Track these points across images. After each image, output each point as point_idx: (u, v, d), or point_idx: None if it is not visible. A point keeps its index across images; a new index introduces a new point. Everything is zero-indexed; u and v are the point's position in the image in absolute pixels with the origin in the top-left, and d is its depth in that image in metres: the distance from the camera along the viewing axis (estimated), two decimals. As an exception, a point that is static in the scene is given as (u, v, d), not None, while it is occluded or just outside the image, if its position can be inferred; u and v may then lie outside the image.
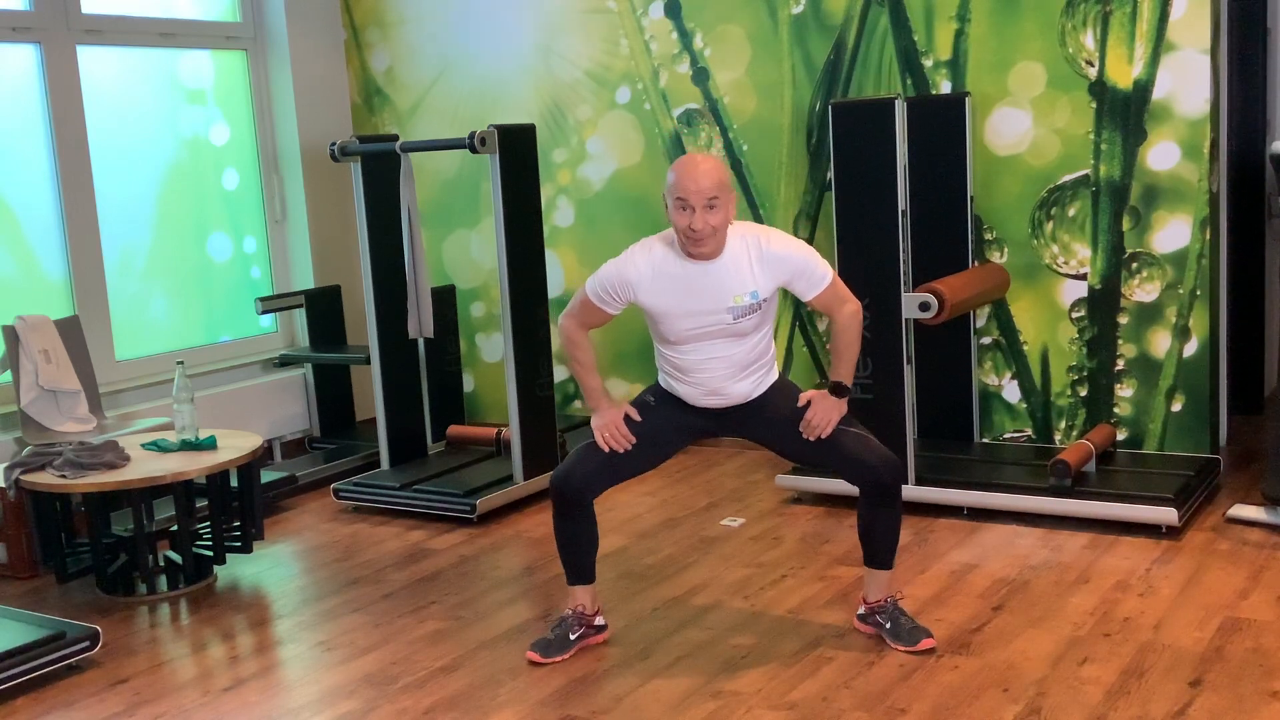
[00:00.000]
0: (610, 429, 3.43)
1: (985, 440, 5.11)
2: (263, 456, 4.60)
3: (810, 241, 5.31)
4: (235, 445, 4.30)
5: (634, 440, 3.44)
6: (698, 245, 3.26)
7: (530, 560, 4.38)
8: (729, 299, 3.31)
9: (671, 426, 3.51)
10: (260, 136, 6.04)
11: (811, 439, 3.40)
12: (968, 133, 4.84)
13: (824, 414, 3.39)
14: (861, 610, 3.57)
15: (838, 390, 3.43)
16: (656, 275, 3.34)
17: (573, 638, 3.53)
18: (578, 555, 3.52)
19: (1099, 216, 4.79)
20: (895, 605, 3.50)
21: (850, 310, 3.43)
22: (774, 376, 3.52)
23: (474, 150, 4.73)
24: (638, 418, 3.47)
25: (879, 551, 3.48)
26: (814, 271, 3.36)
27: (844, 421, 3.42)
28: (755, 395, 3.47)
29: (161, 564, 4.39)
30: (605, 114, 5.74)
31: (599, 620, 3.61)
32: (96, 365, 5.11)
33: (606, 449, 3.43)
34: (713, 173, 3.23)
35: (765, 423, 3.48)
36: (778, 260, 3.33)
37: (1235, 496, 4.49)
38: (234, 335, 5.98)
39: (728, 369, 3.40)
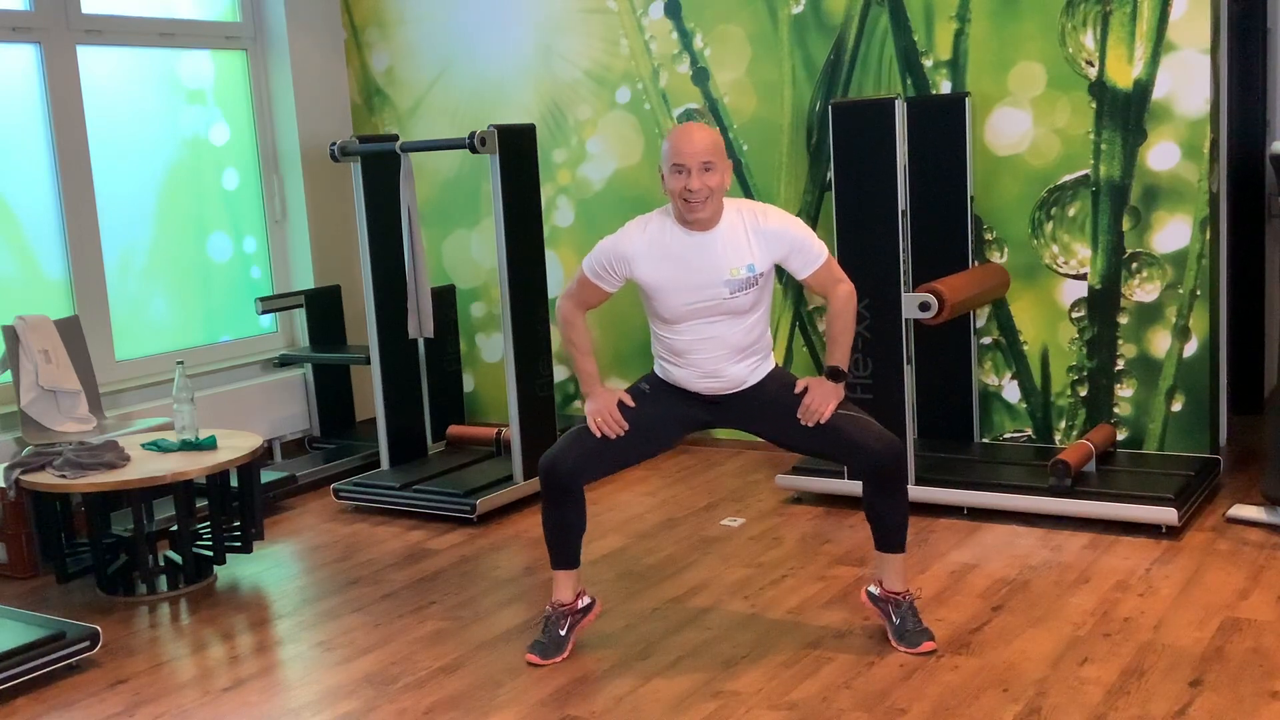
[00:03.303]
0: (604, 414, 3.41)
1: (985, 440, 5.11)
2: (263, 456, 4.60)
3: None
4: (235, 445, 4.30)
5: (627, 427, 3.41)
6: (694, 210, 3.25)
7: (530, 560, 4.38)
8: (725, 271, 3.30)
9: (667, 415, 3.49)
10: (260, 136, 6.04)
11: (810, 424, 3.38)
12: (968, 133, 4.84)
13: (821, 399, 3.38)
14: (876, 590, 3.52)
15: (834, 375, 3.41)
16: (653, 247, 3.33)
17: (563, 633, 3.51)
18: (564, 540, 3.49)
19: (1099, 216, 4.79)
20: (911, 603, 3.47)
21: (845, 291, 3.43)
22: (771, 364, 3.50)
23: (474, 150, 4.73)
24: (632, 404, 3.45)
25: (889, 535, 3.45)
26: (810, 249, 3.36)
27: (841, 406, 3.41)
28: (752, 382, 3.45)
29: (161, 564, 4.39)
30: (605, 114, 5.74)
31: (583, 602, 3.56)
32: (96, 365, 5.11)
33: (599, 435, 3.42)
34: (707, 137, 3.26)
35: (762, 411, 3.46)
36: (774, 235, 3.33)
37: (1235, 496, 4.49)
38: (234, 335, 5.98)
39: (724, 351, 3.38)
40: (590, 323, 3.67)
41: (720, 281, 3.30)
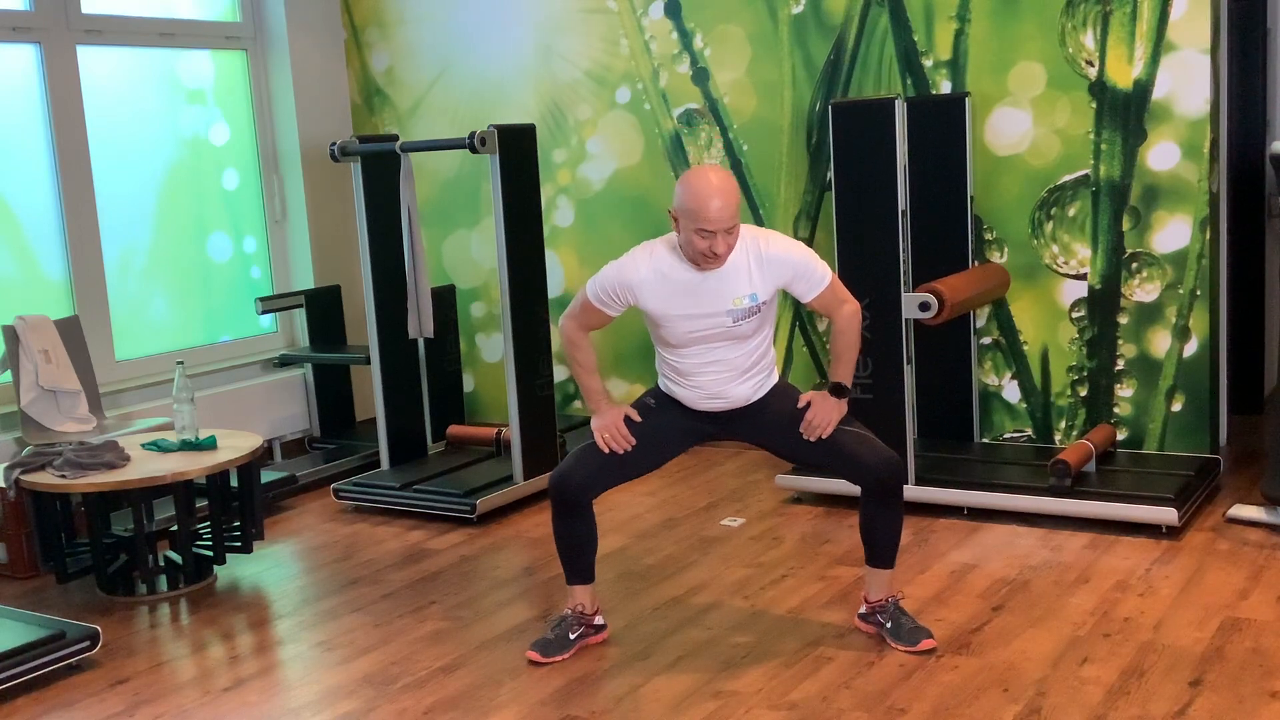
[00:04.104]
0: (610, 430, 3.44)
1: (985, 440, 5.11)
2: (263, 456, 4.60)
3: (810, 242, 5.32)
4: (235, 445, 4.30)
5: (634, 442, 3.44)
6: (713, 265, 3.26)
7: (530, 560, 4.38)
8: (729, 301, 3.31)
9: (672, 429, 3.52)
10: (260, 136, 6.04)
11: (812, 440, 3.41)
12: (968, 133, 4.84)
13: (824, 415, 3.40)
14: (863, 609, 3.57)
15: (837, 391, 3.43)
16: (657, 278, 3.34)
17: (572, 637, 3.53)
18: (577, 555, 3.53)
19: (1099, 216, 4.79)
20: (896, 605, 3.50)
21: (849, 311, 3.43)
22: (774, 379, 3.52)
23: (474, 150, 4.73)
24: (638, 419, 3.48)
25: (880, 551, 3.48)
26: (813, 273, 3.36)
27: (844, 422, 3.43)
28: (756, 398, 3.47)
29: (161, 564, 4.39)
30: (605, 114, 5.74)
31: (598, 620, 3.61)
32: (96, 365, 5.11)
33: (606, 450, 3.43)
34: (732, 198, 3.19)
35: (765, 425, 3.49)
36: (777, 262, 3.33)
37: (1235, 496, 4.49)
38: (234, 335, 5.98)
39: (728, 373, 3.40)
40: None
41: (724, 311, 3.32)
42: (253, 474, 4.36)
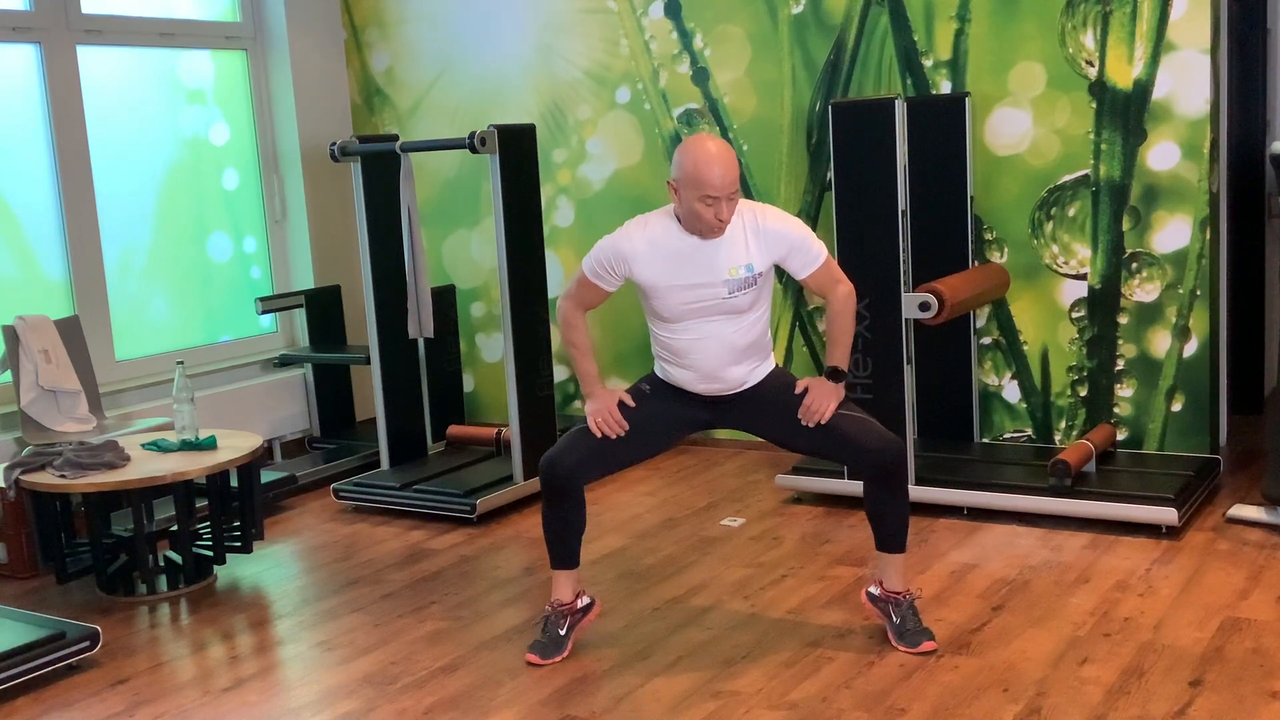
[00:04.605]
0: (604, 414, 3.42)
1: (985, 440, 5.11)
2: (263, 456, 4.60)
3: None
4: (235, 445, 4.30)
5: (627, 427, 3.41)
6: (718, 232, 3.26)
7: (530, 560, 4.38)
8: (724, 271, 3.30)
9: (667, 416, 3.49)
10: (260, 136, 6.04)
11: (810, 425, 3.38)
12: (968, 133, 4.84)
13: (822, 399, 3.38)
14: (876, 590, 3.52)
15: (834, 375, 3.42)
16: (652, 247, 3.33)
17: (563, 633, 3.51)
18: (564, 540, 3.50)
19: (1099, 216, 4.80)
20: (911, 603, 3.48)
21: (844, 291, 3.43)
22: (770, 365, 3.51)
23: (474, 150, 4.73)
24: (632, 404, 3.45)
25: (890, 534, 3.45)
26: (809, 249, 3.36)
27: (842, 406, 3.41)
28: (751, 382, 3.45)
29: (161, 564, 4.39)
30: (605, 114, 5.74)
31: (582, 602, 3.57)
32: (96, 365, 5.11)
33: (599, 434, 3.42)
34: (733, 164, 3.22)
35: (762, 412, 3.46)
36: (774, 235, 3.33)
37: (1235, 496, 4.49)
38: (234, 335, 5.98)
39: (723, 351, 3.38)
40: (590, 322, 3.66)
41: (719, 281, 3.30)
42: (253, 474, 4.36)
